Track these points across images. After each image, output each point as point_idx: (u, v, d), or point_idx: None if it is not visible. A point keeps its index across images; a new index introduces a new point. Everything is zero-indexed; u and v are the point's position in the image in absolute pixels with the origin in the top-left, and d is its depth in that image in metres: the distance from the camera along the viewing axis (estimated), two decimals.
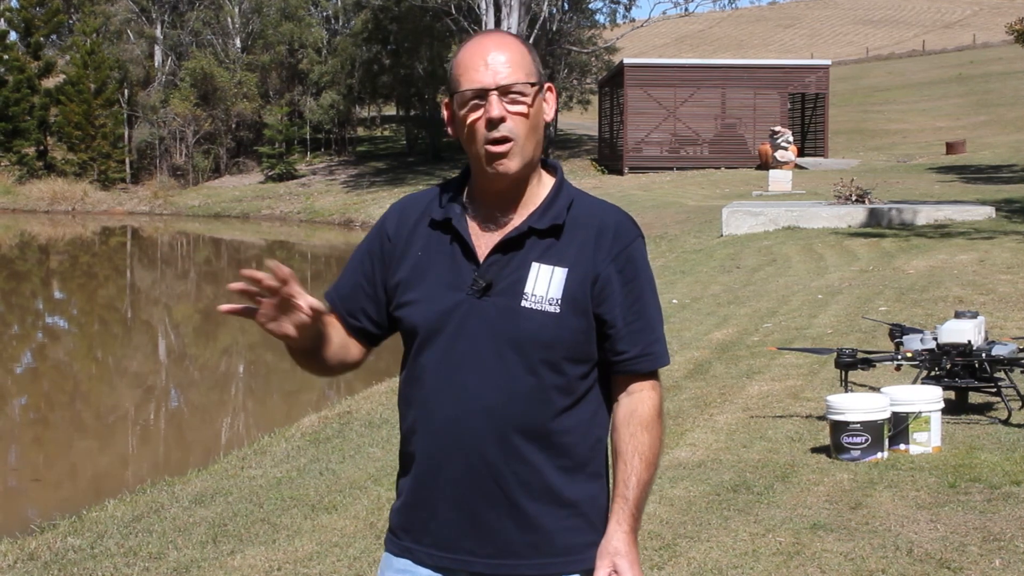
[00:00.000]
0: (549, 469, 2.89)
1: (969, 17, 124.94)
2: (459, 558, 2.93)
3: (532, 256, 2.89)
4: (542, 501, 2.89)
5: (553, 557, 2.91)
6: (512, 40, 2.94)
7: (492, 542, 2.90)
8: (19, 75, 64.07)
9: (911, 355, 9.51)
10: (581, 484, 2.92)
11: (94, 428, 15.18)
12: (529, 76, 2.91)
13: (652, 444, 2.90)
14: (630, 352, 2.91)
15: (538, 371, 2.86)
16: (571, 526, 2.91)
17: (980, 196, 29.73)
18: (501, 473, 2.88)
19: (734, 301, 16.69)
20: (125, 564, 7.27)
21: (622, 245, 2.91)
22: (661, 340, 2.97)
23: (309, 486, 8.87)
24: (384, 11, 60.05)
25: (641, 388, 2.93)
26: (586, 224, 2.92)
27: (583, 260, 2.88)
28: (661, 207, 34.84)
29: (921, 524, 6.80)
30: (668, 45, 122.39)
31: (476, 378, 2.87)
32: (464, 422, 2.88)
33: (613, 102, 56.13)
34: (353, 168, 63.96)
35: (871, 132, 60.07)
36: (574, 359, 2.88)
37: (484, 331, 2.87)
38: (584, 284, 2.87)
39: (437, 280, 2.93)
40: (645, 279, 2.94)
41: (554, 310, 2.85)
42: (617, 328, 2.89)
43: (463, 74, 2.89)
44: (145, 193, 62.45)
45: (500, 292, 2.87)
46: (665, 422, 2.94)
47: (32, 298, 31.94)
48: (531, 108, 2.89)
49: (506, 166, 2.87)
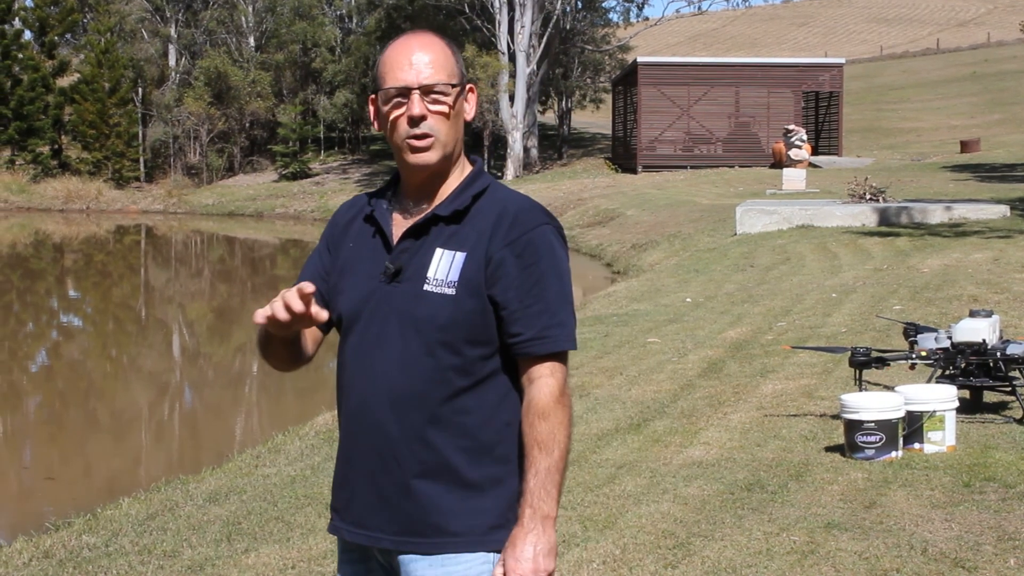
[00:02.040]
0: (450, 450, 2.97)
1: (983, 15, 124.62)
2: (371, 535, 3.05)
3: (437, 242, 3.02)
4: (441, 481, 2.98)
5: (455, 536, 2.98)
6: (436, 41, 3.08)
7: (397, 520, 3.01)
8: (34, 74, 64.17)
9: (926, 354, 9.49)
10: (486, 467, 3.00)
11: (108, 426, 15.21)
12: (451, 77, 3.04)
13: (550, 431, 2.94)
14: (525, 334, 2.97)
15: (436, 352, 2.96)
16: (473, 507, 2.99)
17: (995, 195, 29.65)
18: (401, 452, 2.99)
19: (748, 300, 16.67)
20: (140, 562, 7.28)
21: (521, 231, 2.97)
22: (563, 324, 2.99)
23: (323, 484, 8.87)
24: (398, 10, 60.10)
25: (540, 374, 2.98)
26: (489, 212, 3.02)
27: (480, 245, 2.98)
28: (675, 206, 34.79)
29: (936, 523, 6.79)
30: (682, 44, 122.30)
31: (382, 360, 3.00)
32: (371, 402, 3.02)
33: (627, 101, 56.11)
34: (366, 167, 64.02)
35: (885, 131, 59.99)
36: (471, 340, 2.97)
37: (391, 315, 3.00)
38: (479, 267, 2.96)
39: (361, 270, 3.09)
40: (548, 265, 2.98)
41: (451, 292, 2.96)
42: (510, 310, 2.96)
43: (388, 72, 3.04)
44: (159, 192, 62.57)
45: (407, 278, 3.01)
46: (569, 404, 2.98)
47: (47, 296, 32.00)
48: (452, 108, 3.04)
49: (426, 158, 3.02)
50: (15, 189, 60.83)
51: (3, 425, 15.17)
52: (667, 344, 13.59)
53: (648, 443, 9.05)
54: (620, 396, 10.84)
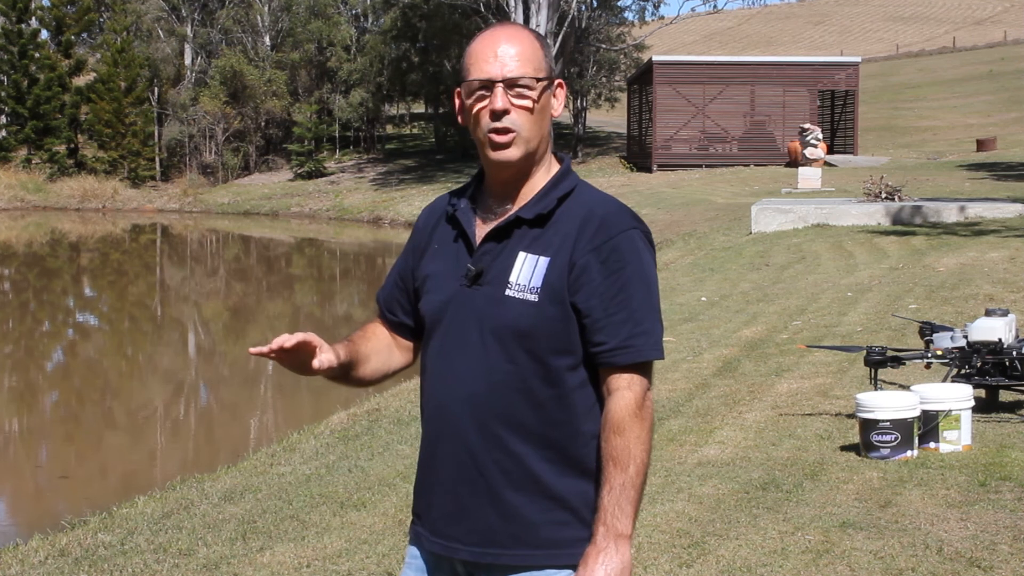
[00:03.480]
0: (534, 460, 2.89)
1: (1000, 13, 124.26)
2: (449, 545, 2.98)
3: (520, 245, 2.93)
4: (524, 491, 2.89)
5: (537, 549, 2.90)
6: (524, 34, 2.98)
7: (476, 530, 2.93)
8: (50, 73, 64.35)
9: (941, 353, 9.46)
10: (571, 479, 2.91)
11: (124, 425, 15.26)
12: (537, 71, 2.95)
13: (625, 446, 2.83)
14: (608, 343, 2.87)
15: (518, 360, 2.88)
16: (557, 519, 2.90)
17: (1011, 193, 29.56)
18: (483, 461, 2.91)
19: (763, 299, 16.65)
20: (155, 560, 7.30)
21: (607, 235, 2.88)
22: (648, 334, 2.89)
23: (338, 483, 8.89)
24: (413, 9, 60.08)
25: (617, 386, 2.88)
26: (575, 215, 2.93)
27: (564, 249, 2.88)
28: (690, 204, 34.76)
29: (951, 523, 6.77)
30: (697, 42, 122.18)
31: (462, 365, 2.93)
32: (450, 409, 2.94)
33: (642, 100, 56.07)
34: (382, 166, 64.04)
35: (901, 129, 59.86)
36: (555, 350, 2.88)
37: (471, 319, 2.93)
38: (562, 273, 2.87)
39: (444, 271, 3.02)
40: (634, 271, 2.88)
41: (534, 299, 2.87)
42: (594, 318, 2.87)
43: (473, 64, 2.96)
44: (175, 191, 62.70)
45: (489, 281, 2.92)
46: (649, 418, 2.88)
47: (63, 295, 32.10)
48: (536, 103, 2.94)
49: (507, 155, 2.93)
50: (31, 188, 61.00)
51: (20, 423, 15.22)
52: (682, 343, 13.58)
53: (663, 442, 9.05)
54: None
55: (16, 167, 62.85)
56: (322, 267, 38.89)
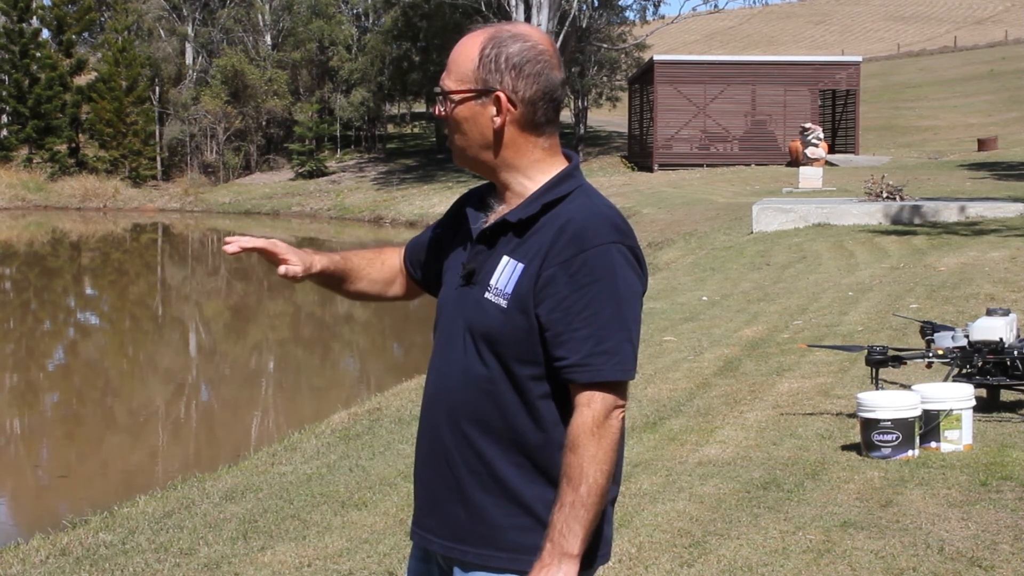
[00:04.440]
0: (502, 464, 2.88)
1: (1001, 13, 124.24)
2: (426, 536, 3.02)
3: (505, 249, 2.92)
4: (491, 493, 2.89)
5: (500, 551, 2.90)
6: (473, 41, 2.96)
7: (447, 524, 2.96)
8: (51, 73, 64.40)
9: (942, 352, 9.46)
10: (539, 487, 2.88)
11: (125, 424, 15.25)
12: (461, 82, 2.92)
13: (577, 464, 2.76)
14: (569, 359, 2.80)
15: (488, 363, 2.88)
16: (522, 525, 2.88)
17: (1012, 193, 29.55)
18: (453, 458, 2.93)
19: (764, 298, 16.64)
20: (156, 560, 7.30)
21: (578, 248, 2.79)
22: (611, 353, 2.79)
23: (339, 483, 8.89)
24: (414, 8, 60.13)
25: (579, 403, 2.81)
26: (555, 224, 2.86)
27: (537, 258, 2.84)
28: (691, 204, 34.76)
29: (952, 522, 6.77)
30: (698, 42, 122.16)
31: (447, 364, 2.96)
32: (433, 403, 2.99)
33: (643, 99, 56.08)
34: (383, 165, 64.05)
35: (902, 129, 59.86)
36: (519, 358, 2.85)
37: (460, 318, 2.95)
38: (531, 282, 2.84)
39: (452, 267, 3.07)
40: (603, 287, 2.79)
41: (504, 304, 2.86)
42: (555, 331, 2.80)
43: None
44: (176, 190, 62.75)
45: (477, 282, 2.94)
46: (609, 436, 2.79)
47: (64, 295, 32.10)
48: (452, 113, 2.94)
49: (457, 159, 3.01)
50: (32, 187, 61.04)
51: (21, 423, 15.22)
52: (683, 342, 13.58)
53: (664, 441, 9.05)
54: (636, 394, 10.83)
55: (17, 166, 62.92)
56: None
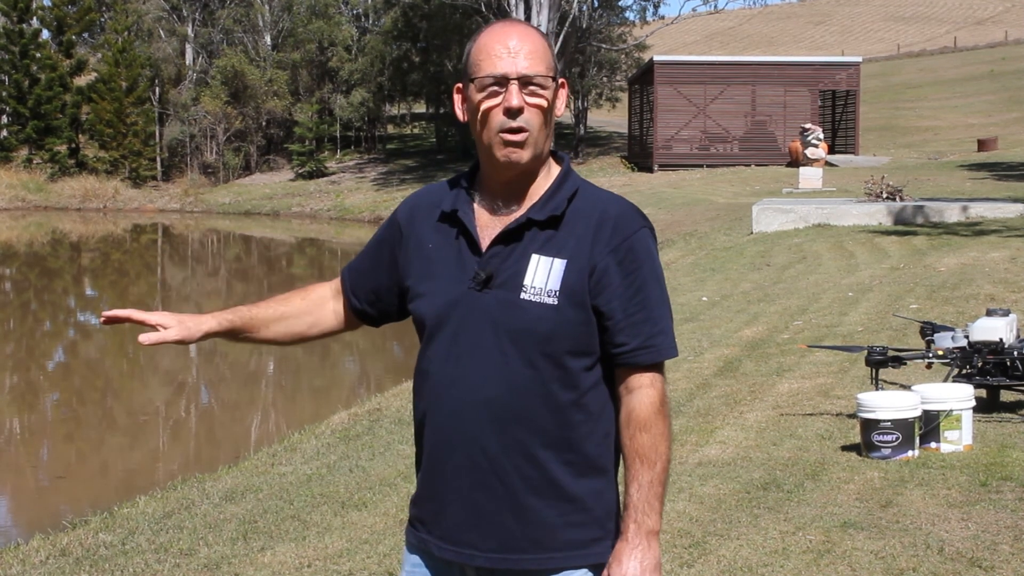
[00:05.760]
0: (555, 464, 2.87)
1: (1001, 13, 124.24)
2: (464, 552, 2.93)
3: (532, 248, 2.87)
4: (544, 496, 2.87)
5: (556, 551, 2.89)
6: (534, 31, 2.93)
7: (494, 536, 2.89)
8: (51, 73, 64.41)
9: (942, 353, 9.45)
10: (588, 480, 2.90)
11: (125, 424, 15.25)
12: (549, 69, 2.89)
13: (652, 443, 2.85)
14: (630, 344, 2.86)
15: (537, 364, 2.83)
16: (574, 521, 2.89)
17: (1012, 193, 29.55)
18: (502, 467, 2.87)
19: (764, 299, 16.64)
20: (156, 560, 7.30)
21: (622, 236, 2.86)
22: (665, 333, 2.91)
23: (339, 483, 8.89)
24: (414, 9, 60.12)
25: (640, 384, 2.88)
26: (587, 215, 2.88)
27: (582, 251, 2.85)
28: (691, 204, 34.76)
29: (952, 523, 6.77)
30: (698, 42, 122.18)
31: (477, 371, 2.87)
32: (465, 415, 2.88)
33: (643, 99, 56.07)
34: (383, 166, 64.07)
35: (902, 129, 59.86)
36: (575, 352, 2.86)
37: (485, 324, 2.86)
38: (582, 275, 2.84)
39: (444, 273, 2.94)
40: (648, 271, 2.89)
41: (552, 302, 2.83)
42: (615, 320, 2.85)
43: (484, 59, 2.88)
44: (176, 191, 62.75)
45: (500, 284, 2.86)
46: (669, 414, 2.90)
47: (64, 295, 32.10)
48: (549, 102, 2.88)
49: (518, 155, 2.86)
50: (32, 188, 61.05)
51: (21, 423, 15.22)
52: (683, 343, 13.58)
53: None
54: None
55: (17, 167, 62.93)
56: (323, 267, 38.86)
